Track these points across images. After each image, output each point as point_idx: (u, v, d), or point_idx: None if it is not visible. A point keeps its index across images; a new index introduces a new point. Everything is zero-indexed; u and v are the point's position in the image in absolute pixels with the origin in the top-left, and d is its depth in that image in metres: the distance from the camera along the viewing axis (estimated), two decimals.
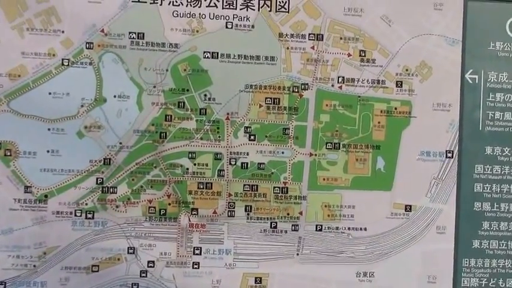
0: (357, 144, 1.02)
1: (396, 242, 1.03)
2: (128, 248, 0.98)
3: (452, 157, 1.04)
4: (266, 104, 1.00)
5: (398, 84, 1.03)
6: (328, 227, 1.01)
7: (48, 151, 0.96)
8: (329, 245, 1.02)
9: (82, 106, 0.97)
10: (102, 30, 0.97)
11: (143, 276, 0.98)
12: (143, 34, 0.97)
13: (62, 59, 0.96)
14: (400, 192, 1.03)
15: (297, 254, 1.01)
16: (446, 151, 1.04)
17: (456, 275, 1.04)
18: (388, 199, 1.03)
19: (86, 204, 0.97)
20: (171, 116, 0.99)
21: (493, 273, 1.05)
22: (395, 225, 1.03)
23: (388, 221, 1.03)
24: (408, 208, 1.03)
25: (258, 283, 1.00)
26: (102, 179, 0.97)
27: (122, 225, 0.97)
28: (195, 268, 0.99)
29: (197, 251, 0.99)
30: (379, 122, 1.02)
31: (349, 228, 1.02)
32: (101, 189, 0.97)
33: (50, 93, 0.97)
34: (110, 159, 0.97)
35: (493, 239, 1.05)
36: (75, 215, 0.97)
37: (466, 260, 1.05)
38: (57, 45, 0.96)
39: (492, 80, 1.05)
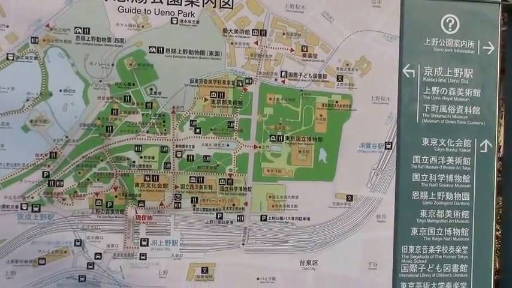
0: (299, 136, 1.05)
1: (338, 230, 1.06)
2: (75, 240, 0.99)
3: (391, 148, 1.08)
4: (211, 97, 1.03)
5: (339, 78, 1.07)
6: (272, 217, 1.04)
7: None
8: (274, 234, 1.05)
9: (27, 100, 0.97)
10: (48, 25, 0.98)
11: (90, 268, 0.99)
12: (89, 29, 0.99)
13: (7, 54, 0.97)
14: (341, 182, 1.06)
15: (243, 244, 1.04)
16: (386, 143, 1.08)
17: (396, 261, 1.08)
18: (330, 189, 1.06)
19: (32, 197, 0.98)
20: (117, 109, 1.00)
21: (431, 259, 1.10)
22: (338, 214, 1.06)
23: (330, 211, 1.06)
24: (349, 198, 1.07)
25: (204, 273, 1.02)
26: (49, 172, 0.98)
27: (68, 218, 0.98)
28: (142, 259, 1.01)
29: (144, 243, 1.01)
30: (321, 115, 1.06)
31: (293, 218, 1.05)
32: (47, 182, 0.98)
33: None
34: (56, 152, 0.98)
35: (431, 226, 1.10)
36: (21, 209, 0.98)
37: (405, 247, 1.09)
38: (1, 39, 0.97)
39: (428, 75, 1.10)
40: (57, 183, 0.99)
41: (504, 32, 1.16)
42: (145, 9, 1.01)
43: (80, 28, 0.99)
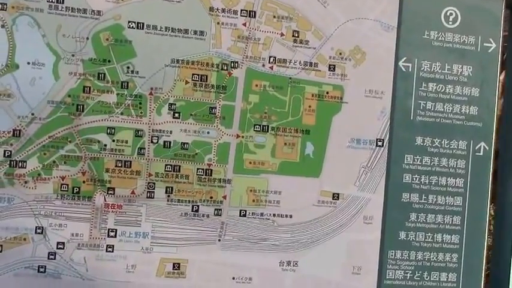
0: (286, 127, 0.98)
1: (322, 230, 1.00)
2: (36, 227, 0.91)
3: (382, 146, 1.02)
4: (193, 80, 0.95)
5: (331, 67, 1.00)
6: (252, 213, 0.97)
7: None
8: (253, 231, 0.98)
9: None
10: None
11: (51, 259, 0.91)
12: None
13: None
14: (328, 179, 1.00)
15: (219, 240, 0.97)
16: (377, 139, 1.02)
17: (381, 266, 1.01)
18: (316, 186, 0.99)
19: None
20: (89, 87, 0.92)
21: (418, 265, 1.04)
22: (322, 213, 1.00)
23: (314, 209, 0.99)
24: (336, 196, 1.00)
25: (176, 269, 0.95)
26: (11, 151, 0.90)
27: (30, 202, 0.90)
28: (109, 251, 0.93)
29: (112, 233, 0.93)
30: (309, 106, 0.99)
31: (274, 215, 0.98)
32: (8, 162, 0.90)
33: None
34: (20, 130, 0.90)
35: (420, 231, 1.03)
36: None
37: (392, 252, 1.03)
38: None
39: (425, 69, 1.04)
40: (20, 164, 0.90)
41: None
42: None
43: None
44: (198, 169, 0.96)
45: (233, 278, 0.97)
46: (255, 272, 0.97)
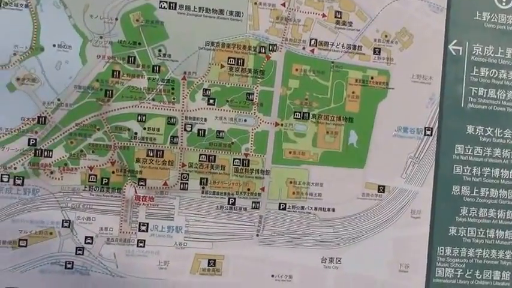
0: (328, 115, 0.91)
1: (367, 225, 0.93)
2: (63, 220, 0.85)
3: (431, 135, 0.94)
4: (228, 64, 0.89)
5: (376, 51, 0.93)
6: (292, 206, 0.90)
7: None
8: (293, 226, 0.91)
9: (14, 55, 0.84)
10: None
11: (79, 254, 0.85)
12: None
13: None
14: (373, 170, 0.93)
15: (257, 235, 0.90)
16: (425, 128, 0.94)
17: (430, 264, 0.94)
18: (360, 178, 0.92)
19: (15, 168, 0.84)
20: (119, 72, 0.86)
21: (470, 263, 0.96)
22: (367, 207, 0.93)
23: (358, 202, 0.92)
24: (381, 189, 0.93)
25: (211, 266, 0.88)
26: (36, 140, 0.84)
27: (56, 194, 0.84)
28: (140, 246, 0.87)
29: (143, 227, 0.87)
30: (353, 92, 0.92)
31: (315, 209, 0.91)
32: (33, 151, 0.84)
33: None
34: (45, 117, 0.84)
35: (471, 226, 0.96)
36: (2, 180, 0.84)
37: (441, 248, 0.95)
38: None
39: (477, 53, 0.96)
40: (45, 153, 0.84)
41: None
42: None
43: None
44: (234, 159, 0.89)
45: (272, 276, 0.90)
46: (295, 269, 0.91)
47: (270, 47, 0.90)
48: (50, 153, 0.85)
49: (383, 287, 0.94)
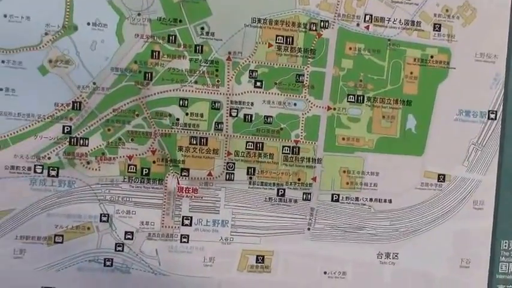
0: (384, 98, 0.84)
1: (426, 218, 0.86)
2: (101, 214, 0.79)
3: (495, 119, 0.87)
4: (277, 43, 0.81)
5: (436, 27, 0.85)
6: (346, 197, 0.84)
7: (1, 89, 0.76)
8: (347, 218, 0.84)
9: (46, 34, 0.77)
10: None
11: (119, 251, 0.79)
12: None
13: None
14: (432, 158, 0.86)
15: (308, 229, 0.83)
16: (489, 111, 0.87)
17: (493, 258, 0.87)
18: (419, 166, 0.85)
19: (49, 158, 0.78)
20: (158, 52, 0.79)
21: None
22: (426, 197, 0.86)
23: (417, 193, 0.85)
24: (441, 178, 0.86)
25: (259, 262, 0.82)
26: (70, 127, 0.77)
27: (93, 186, 0.78)
28: (184, 242, 0.81)
29: (187, 221, 0.81)
30: (411, 73, 0.84)
31: (371, 200, 0.84)
32: (68, 140, 0.78)
33: (5, 16, 0.77)
34: (80, 102, 0.77)
35: None
36: (35, 172, 0.77)
37: (506, 242, 0.88)
38: None
39: None
40: (81, 141, 0.78)
41: None
42: None
43: None
44: (283, 147, 0.82)
45: (325, 273, 0.84)
46: (349, 265, 0.85)
47: (322, 24, 0.83)
48: (86, 141, 0.78)
49: (443, 284, 0.87)
